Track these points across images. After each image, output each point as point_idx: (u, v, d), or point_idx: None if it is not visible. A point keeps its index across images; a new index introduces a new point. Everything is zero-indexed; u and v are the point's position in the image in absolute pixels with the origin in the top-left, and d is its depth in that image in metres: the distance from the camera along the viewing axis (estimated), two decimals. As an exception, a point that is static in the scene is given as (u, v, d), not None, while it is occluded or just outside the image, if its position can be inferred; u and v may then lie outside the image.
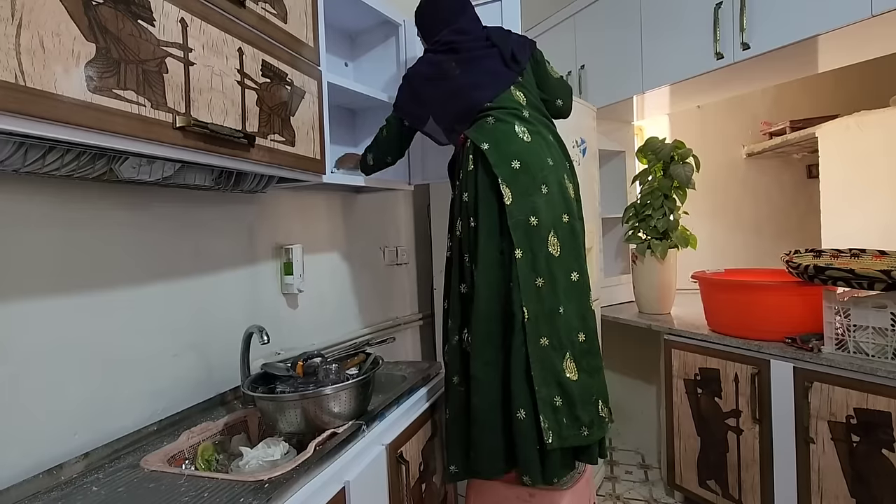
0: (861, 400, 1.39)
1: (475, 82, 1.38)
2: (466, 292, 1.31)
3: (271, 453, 0.98)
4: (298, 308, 1.59)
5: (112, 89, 0.74)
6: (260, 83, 1.07)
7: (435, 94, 1.41)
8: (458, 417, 1.28)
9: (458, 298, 1.32)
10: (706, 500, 1.86)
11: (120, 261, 1.07)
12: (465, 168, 1.32)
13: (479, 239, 1.26)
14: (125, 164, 0.90)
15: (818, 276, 1.46)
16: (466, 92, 1.38)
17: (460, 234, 1.33)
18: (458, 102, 1.38)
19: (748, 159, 2.96)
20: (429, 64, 1.45)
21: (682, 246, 2.16)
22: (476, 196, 1.28)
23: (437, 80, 1.41)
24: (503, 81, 1.38)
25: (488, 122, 1.33)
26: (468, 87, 1.38)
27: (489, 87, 1.37)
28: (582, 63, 2.49)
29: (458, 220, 1.34)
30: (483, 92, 1.36)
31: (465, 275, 1.31)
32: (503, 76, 1.39)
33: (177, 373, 1.18)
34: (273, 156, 1.11)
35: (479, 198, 1.28)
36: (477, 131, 1.33)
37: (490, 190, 1.27)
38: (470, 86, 1.38)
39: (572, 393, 1.20)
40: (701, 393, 1.85)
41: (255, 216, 1.45)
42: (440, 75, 1.41)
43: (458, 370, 1.29)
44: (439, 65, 1.42)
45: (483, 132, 1.32)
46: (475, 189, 1.29)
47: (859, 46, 1.75)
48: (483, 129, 1.33)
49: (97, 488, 0.85)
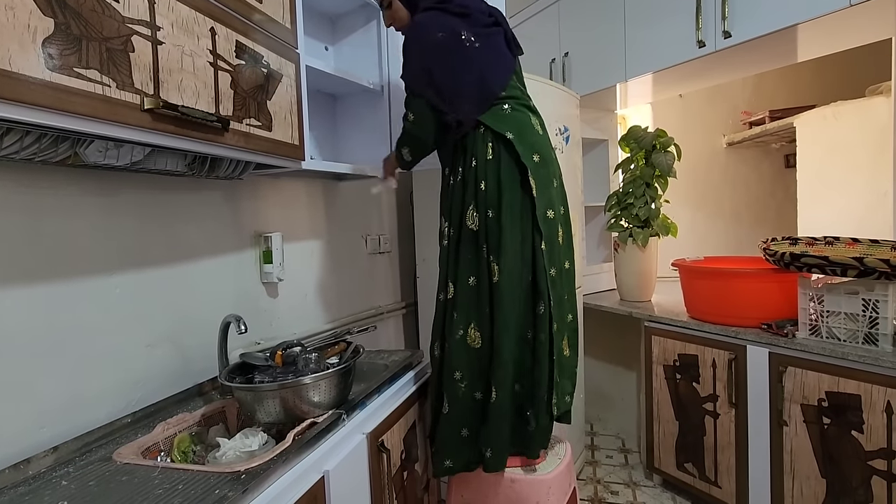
0: (832, 383, 1.43)
1: (490, 62, 1.28)
2: (476, 284, 1.25)
3: (249, 444, 0.96)
4: (279, 297, 1.56)
5: (73, 68, 0.71)
6: (234, 65, 1.03)
7: (449, 65, 1.25)
8: (458, 414, 1.24)
9: (467, 291, 1.26)
10: (683, 482, 1.90)
11: (89, 249, 1.03)
12: (481, 156, 1.24)
13: (504, 230, 1.21)
14: (91, 148, 0.87)
15: (794, 264, 1.49)
16: (483, 72, 1.27)
17: (473, 225, 1.25)
18: (476, 83, 1.26)
19: (728, 148, 2.99)
20: (440, 26, 1.25)
21: (663, 234, 2.18)
22: (499, 186, 1.23)
23: (449, 48, 1.25)
24: (510, 66, 1.33)
25: (504, 109, 1.27)
26: (485, 67, 1.27)
27: (502, 70, 1.30)
28: (566, 50, 2.48)
29: (470, 211, 1.25)
30: (498, 76, 1.28)
31: (479, 266, 1.25)
32: (509, 60, 1.34)
33: (151, 363, 1.16)
34: (249, 141, 1.08)
35: (502, 188, 1.22)
36: (495, 118, 1.25)
37: (514, 181, 1.23)
38: (486, 66, 1.27)
39: (564, 367, 1.30)
40: (680, 378, 1.88)
41: (232, 203, 1.41)
42: (454, 43, 1.24)
43: (464, 365, 1.24)
44: (453, 29, 1.25)
45: (503, 120, 1.25)
46: (497, 179, 1.23)
47: (837, 36, 1.77)
48: (501, 117, 1.26)
49: (67, 482, 0.82)
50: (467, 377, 1.25)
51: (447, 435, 1.26)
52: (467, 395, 1.24)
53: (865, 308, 1.40)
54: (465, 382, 1.24)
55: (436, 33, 1.25)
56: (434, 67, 1.25)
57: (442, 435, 1.27)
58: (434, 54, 1.25)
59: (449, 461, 1.26)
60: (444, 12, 1.27)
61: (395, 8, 1.35)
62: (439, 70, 1.25)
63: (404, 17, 1.36)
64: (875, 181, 2.20)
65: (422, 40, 1.27)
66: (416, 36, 1.29)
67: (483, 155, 1.25)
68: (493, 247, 1.22)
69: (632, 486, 2.06)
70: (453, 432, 1.25)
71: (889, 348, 1.37)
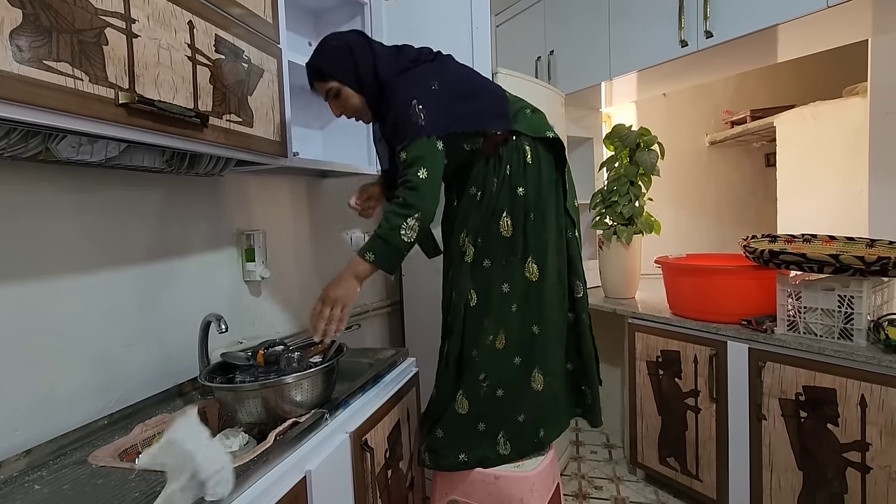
0: (809, 378, 1.46)
1: (484, 80, 1.31)
2: (509, 290, 1.22)
3: (230, 445, 0.95)
4: (261, 295, 1.55)
5: (43, 60, 0.69)
6: (213, 59, 1.01)
7: (459, 94, 1.19)
8: (478, 412, 1.22)
9: (499, 298, 1.22)
10: (666, 476, 1.93)
11: (64, 247, 1.01)
12: (517, 163, 1.21)
13: (547, 230, 1.22)
14: (63, 143, 0.84)
15: (773, 261, 1.52)
16: (489, 85, 1.29)
17: (506, 232, 1.20)
18: (492, 97, 1.25)
19: (711, 147, 3.04)
20: (439, 68, 1.19)
21: (647, 232, 2.20)
22: (539, 189, 1.22)
23: (451, 84, 1.17)
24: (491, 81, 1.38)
25: (527, 113, 1.27)
26: (486, 83, 1.29)
27: (494, 84, 1.34)
28: (551, 49, 2.48)
29: (504, 219, 1.20)
30: (499, 87, 1.30)
31: (513, 272, 1.21)
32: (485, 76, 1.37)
33: (129, 364, 1.13)
34: (229, 137, 1.06)
35: (542, 190, 1.22)
36: (527, 124, 1.24)
37: (552, 180, 1.25)
38: (485, 83, 1.29)
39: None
40: (662, 374, 1.90)
41: (213, 201, 1.39)
42: (450, 79, 1.18)
43: (490, 367, 1.22)
44: (436, 71, 1.18)
45: (535, 124, 1.26)
46: (538, 182, 1.22)
47: (816, 37, 1.81)
48: (531, 121, 1.25)
49: (40, 486, 0.80)
50: (491, 378, 1.23)
51: (464, 430, 1.23)
52: (489, 394, 1.23)
53: (841, 304, 1.43)
54: (488, 383, 1.23)
55: (431, 82, 1.14)
56: (448, 99, 1.14)
57: (458, 430, 1.23)
58: (442, 91, 1.13)
59: (463, 455, 1.23)
60: (432, 61, 1.19)
61: (346, 96, 1.18)
62: (453, 100, 1.15)
63: (358, 104, 1.20)
64: (851, 180, 2.25)
65: (419, 86, 1.12)
66: (409, 87, 1.12)
67: (520, 161, 1.21)
68: (533, 247, 1.21)
69: (615, 481, 2.09)
70: (471, 427, 1.23)
71: (863, 343, 1.40)
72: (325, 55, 1.17)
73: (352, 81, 1.16)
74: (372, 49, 1.17)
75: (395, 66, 1.15)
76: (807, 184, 2.51)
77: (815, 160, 2.47)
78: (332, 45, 1.16)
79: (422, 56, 1.19)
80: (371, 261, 1.06)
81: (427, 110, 1.08)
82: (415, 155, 1.07)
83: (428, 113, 1.08)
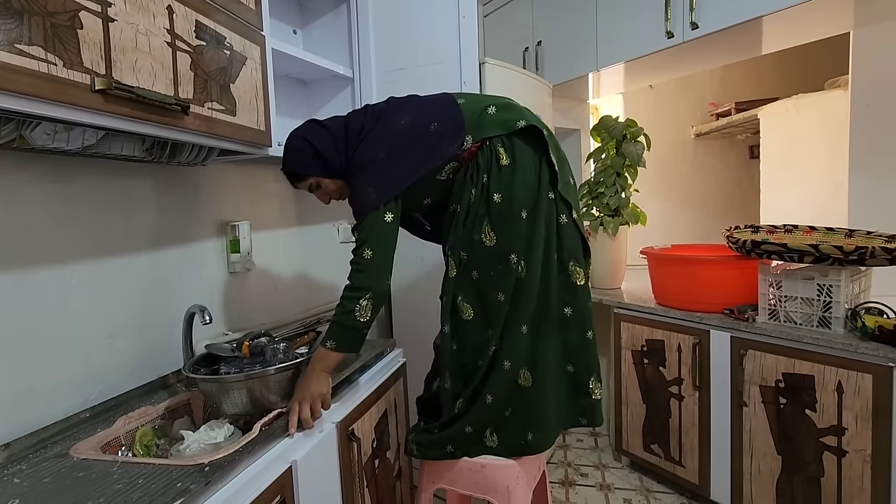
0: (789, 365, 1.49)
1: (433, 98, 1.24)
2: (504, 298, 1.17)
3: (214, 436, 0.95)
4: (247, 287, 1.53)
5: (14, 44, 0.67)
6: (194, 46, 0.99)
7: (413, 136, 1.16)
8: (474, 417, 1.19)
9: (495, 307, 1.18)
10: (650, 462, 1.97)
11: (42, 237, 0.99)
12: (493, 167, 1.15)
13: (534, 227, 1.16)
14: (37, 130, 0.82)
15: (755, 251, 1.54)
16: (437, 106, 1.20)
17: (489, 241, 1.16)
18: (443, 118, 1.17)
19: (696, 139, 3.07)
20: (382, 131, 1.17)
21: (633, 223, 2.22)
22: (519, 188, 1.16)
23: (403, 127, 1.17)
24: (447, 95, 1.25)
25: (490, 112, 1.18)
26: (434, 104, 1.21)
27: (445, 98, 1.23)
28: (539, 39, 2.48)
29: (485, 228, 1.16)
30: (450, 101, 1.20)
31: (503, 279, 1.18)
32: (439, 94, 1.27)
33: (111, 356, 1.12)
34: (211, 125, 1.04)
35: (523, 189, 1.16)
36: (493, 125, 1.16)
37: (536, 174, 1.18)
38: (435, 102, 1.22)
39: None
40: (647, 363, 1.93)
41: (196, 191, 1.37)
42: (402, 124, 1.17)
43: (492, 381, 1.17)
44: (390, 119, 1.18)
45: (503, 119, 1.17)
46: (518, 181, 1.16)
47: (799, 29, 1.83)
48: (495, 118, 1.17)
49: (20, 480, 0.79)
50: (488, 387, 1.17)
51: (456, 431, 1.20)
52: (484, 401, 1.18)
53: (820, 293, 1.46)
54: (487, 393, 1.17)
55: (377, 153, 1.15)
56: (397, 157, 1.14)
57: (450, 431, 1.21)
58: (389, 154, 1.14)
59: (451, 446, 1.21)
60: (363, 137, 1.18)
61: (325, 184, 1.22)
62: (403, 155, 1.14)
63: (339, 187, 1.23)
64: (832, 171, 2.29)
65: (366, 166, 1.14)
66: (360, 174, 1.15)
67: (495, 165, 1.15)
68: (519, 247, 1.15)
69: (601, 468, 2.12)
70: (460, 428, 1.20)
71: (841, 331, 1.43)
72: (293, 158, 1.20)
73: (323, 172, 1.19)
74: (329, 132, 1.19)
75: (346, 146, 1.18)
76: (789, 175, 2.55)
77: (798, 152, 2.51)
78: (296, 146, 1.19)
79: (366, 124, 1.18)
80: (333, 348, 1.04)
81: (376, 184, 1.12)
82: (362, 236, 1.11)
83: (377, 186, 1.11)
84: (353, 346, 1.08)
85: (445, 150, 1.15)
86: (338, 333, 1.05)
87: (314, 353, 1.06)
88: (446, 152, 1.15)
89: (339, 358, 1.06)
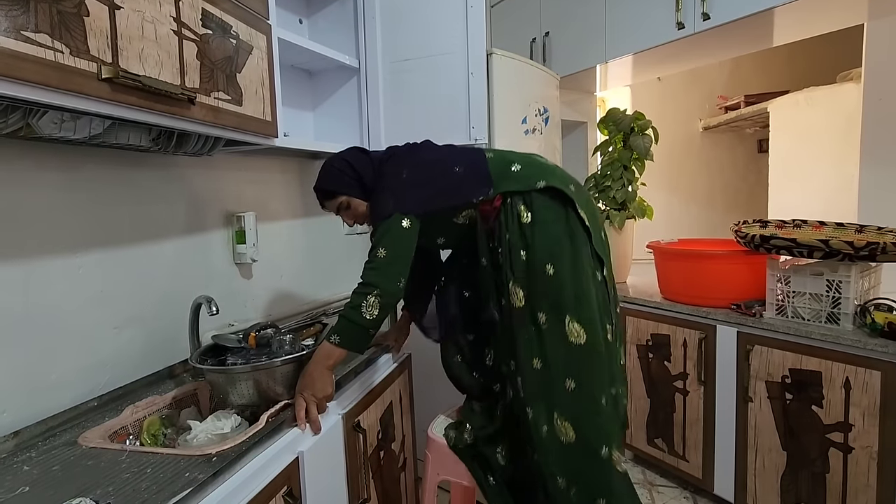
0: (796, 361, 1.48)
1: (464, 149, 1.26)
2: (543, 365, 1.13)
3: (221, 426, 0.95)
4: (253, 278, 1.53)
5: (21, 31, 0.66)
6: (200, 34, 0.98)
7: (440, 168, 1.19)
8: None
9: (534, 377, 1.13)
10: (653, 456, 1.97)
11: (49, 227, 0.99)
12: (514, 225, 1.13)
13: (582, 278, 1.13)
14: (44, 119, 0.82)
15: (763, 245, 1.53)
16: (466, 155, 1.22)
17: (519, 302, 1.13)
18: (469, 165, 1.18)
19: (704, 133, 3.04)
20: (408, 155, 1.23)
21: (639, 217, 2.20)
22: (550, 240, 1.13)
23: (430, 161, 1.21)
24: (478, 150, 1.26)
25: (514, 170, 1.17)
26: (464, 151, 1.23)
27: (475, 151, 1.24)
28: (546, 30, 2.45)
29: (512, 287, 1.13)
30: (479, 153, 1.22)
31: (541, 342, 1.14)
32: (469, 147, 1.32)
33: (119, 346, 1.12)
34: (217, 115, 1.03)
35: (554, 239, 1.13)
36: (514, 181, 1.15)
37: (565, 232, 1.14)
38: (464, 150, 1.25)
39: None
40: (652, 357, 1.93)
41: (202, 181, 1.36)
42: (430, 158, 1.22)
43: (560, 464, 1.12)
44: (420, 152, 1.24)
45: (526, 176, 1.16)
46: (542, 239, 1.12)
47: (812, 20, 1.79)
48: (518, 175, 1.16)
49: (29, 467, 0.80)
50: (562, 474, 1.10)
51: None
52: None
53: (829, 288, 1.45)
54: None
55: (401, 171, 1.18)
56: (419, 181, 1.16)
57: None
58: (411, 175, 1.17)
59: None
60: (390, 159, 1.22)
61: (355, 205, 1.22)
62: (425, 181, 1.16)
63: (364, 212, 1.23)
64: (842, 166, 2.26)
65: (389, 179, 1.17)
66: (382, 187, 1.17)
67: (517, 223, 1.12)
68: (567, 304, 1.09)
69: (604, 462, 2.12)
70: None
71: (850, 327, 1.42)
72: (329, 175, 1.23)
73: (357, 192, 1.21)
74: (369, 156, 1.25)
75: (380, 166, 1.22)
76: (798, 169, 2.52)
77: (808, 146, 2.48)
78: (335, 166, 1.23)
79: (398, 151, 1.24)
80: (337, 343, 1.02)
81: (394, 196, 1.13)
82: (378, 235, 1.10)
83: (395, 198, 1.12)
84: (357, 344, 1.05)
85: (466, 193, 1.16)
86: (343, 328, 1.03)
87: (319, 347, 1.05)
88: (466, 196, 1.16)
89: (343, 355, 1.03)
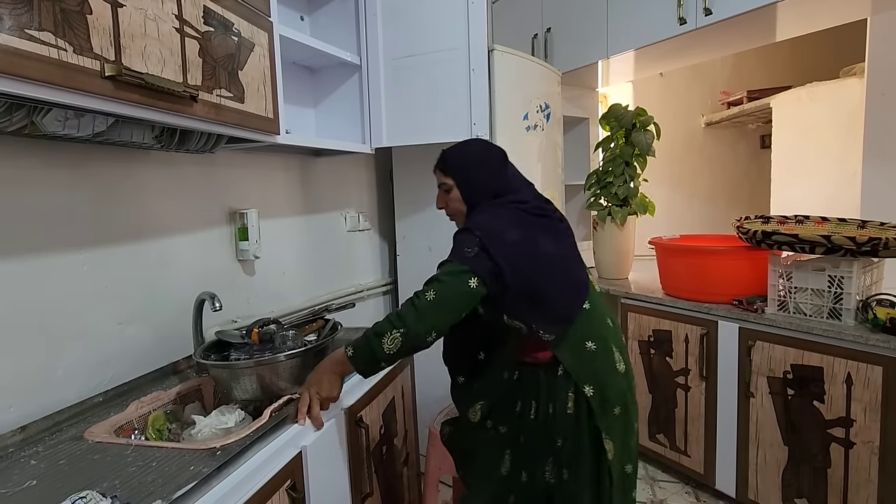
0: (798, 356, 1.48)
1: (573, 261, 1.11)
2: None
3: (225, 421, 0.96)
4: (255, 275, 1.54)
5: (24, 29, 0.66)
6: (202, 32, 0.98)
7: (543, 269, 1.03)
8: None
9: None
10: (655, 452, 1.97)
11: (54, 224, 0.99)
12: (561, 406, 1.02)
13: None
14: (48, 117, 0.82)
15: (765, 241, 1.53)
16: (579, 273, 1.08)
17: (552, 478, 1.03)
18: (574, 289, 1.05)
19: (706, 128, 3.03)
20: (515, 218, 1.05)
21: (641, 213, 2.20)
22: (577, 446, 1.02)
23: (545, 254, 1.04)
24: (585, 277, 1.10)
25: (588, 347, 1.02)
26: (572, 265, 1.09)
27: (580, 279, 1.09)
28: (548, 26, 2.44)
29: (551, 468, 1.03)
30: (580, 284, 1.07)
31: None
32: (583, 270, 1.12)
33: (123, 342, 1.13)
34: (220, 112, 1.04)
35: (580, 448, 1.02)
36: (578, 360, 1.01)
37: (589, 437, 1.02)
38: (572, 264, 1.09)
39: None
40: (654, 353, 1.93)
41: (205, 178, 1.37)
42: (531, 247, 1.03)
43: None
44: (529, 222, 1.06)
45: (586, 365, 1.02)
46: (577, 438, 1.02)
47: (815, 15, 1.79)
48: (584, 359, 1.02)
49: (36, 462, 0.81)
50: None
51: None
52: None
53: (831, 284, 1.45)
54: None
55: (511, 234, 1.02)
56: (516, 258, 1.00)
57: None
58: (514, 246, 1.01)
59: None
60: (516, 208, 1.07)
61: (454, 197, 1.13)
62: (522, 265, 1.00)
63: (460, 210, 1.13)
64: (845, 161, 2.25)
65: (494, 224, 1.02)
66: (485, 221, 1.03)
67: (563, 406, 1.01)
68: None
69: (606, 457, 2.13)
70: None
71: (851, 322, 1.42)
72: (459, 155, 1.14)
73: (464, 190, 1.12)
74: (505, 173, 1.12)
75: (488, 196, 1.09)
76: (801, 165, 2.51)
77: (810, 141, 2.47)
78: (472, 150, 1.15)
79: (529, 201, 1.09)
80: (349, 355, 0.99)
81: (484, 247, 0.98)
82: (443, 272, 0.98)
83: (478, 253, 0.97)
84: (365, 368, 1.00)
85: (537, 318, 1.01)
86: (360, 347, 0.98)
87: (335, 351, 1.03)
88: (535, 321, 1.01)
89: (352, 369, 1.00)
